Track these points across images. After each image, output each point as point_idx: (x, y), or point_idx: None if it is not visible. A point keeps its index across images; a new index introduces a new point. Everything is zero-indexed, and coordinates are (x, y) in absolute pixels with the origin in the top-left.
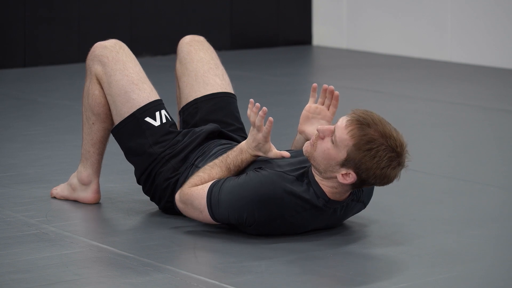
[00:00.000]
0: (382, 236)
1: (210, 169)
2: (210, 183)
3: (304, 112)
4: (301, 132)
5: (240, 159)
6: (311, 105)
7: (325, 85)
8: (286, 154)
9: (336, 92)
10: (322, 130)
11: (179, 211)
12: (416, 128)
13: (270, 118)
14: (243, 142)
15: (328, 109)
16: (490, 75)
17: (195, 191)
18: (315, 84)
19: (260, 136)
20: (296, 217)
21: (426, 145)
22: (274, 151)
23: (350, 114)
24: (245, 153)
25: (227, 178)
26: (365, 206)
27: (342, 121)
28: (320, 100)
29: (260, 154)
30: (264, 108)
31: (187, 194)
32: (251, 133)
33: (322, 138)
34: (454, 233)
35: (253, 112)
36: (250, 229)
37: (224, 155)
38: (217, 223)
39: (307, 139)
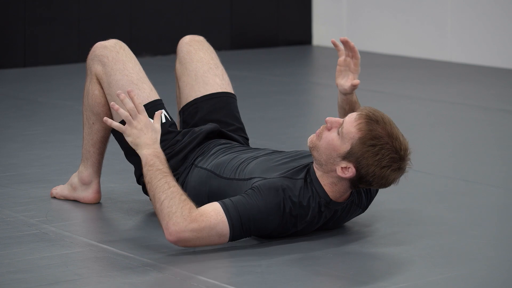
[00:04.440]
0: (382, 236)
1: (177, 191)
2: (217, 207)
3: (337, 67)
4: (337, 85)
5: (158, 160)
6: (340, 58)
7: (341, 38)
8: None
9: (351, 43)
10: (331, 121)
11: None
12: (416, 128)
13: (128, 89)
14: (142, 157)
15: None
16: (490, 75)
17: (212, 217)
18: (333, 40)
19: (138, 119)
20: (304, 225)
21: (426, 145)
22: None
23: (361, 109)
24: (148, 157)
25: (234, 199)
26: (364, 211)
27: (352, 115)
28: (346, 52)
29: (147, 137)
30: (129, 89)
31: (203, 221)
32: (128, 129)
33: (329, 129)
34: (454, 233)
35: (122, 103)
36: (264, 236)
37: (159, 181)
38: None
39: (343, 92)
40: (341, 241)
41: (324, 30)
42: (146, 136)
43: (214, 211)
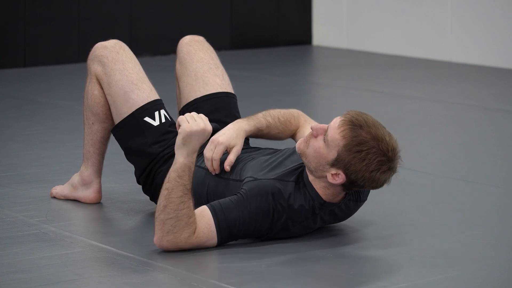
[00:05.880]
0: (382, 236)
1: (187, 214)
2: (209, 220)
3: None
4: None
5: (188, 173)
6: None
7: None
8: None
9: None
10: (316, 128)
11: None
12: (416, 128)
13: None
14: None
15: None
16: (490, 75)
17: (204, 237)
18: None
19: (198, 116)
20: (298, 227)
21: (426, 145)
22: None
23: (344, 114)
24: (181, 167)
25: (224, 205)
26: (363, 202)
27: (336, 121)
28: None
29: (195, 144)
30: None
31: (195, 243)
32: (185, 124)
33: (315, 137)
34: (454, 233)
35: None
36: (257, 237)
37: (180, 185)
38: None
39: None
40: (341, 241)
41: (324, 30)
42: (196, 142)
43: (206, 229)
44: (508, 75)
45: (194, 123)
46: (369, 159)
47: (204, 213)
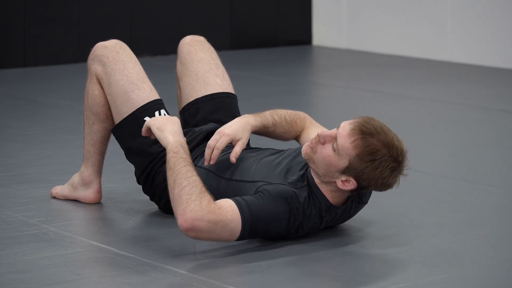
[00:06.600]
0: (382, 236)
1: (199, 181)
2: (232, 204)
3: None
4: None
5: (183, 150)
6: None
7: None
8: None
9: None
10: (323, 136)
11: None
12: (416, 128)
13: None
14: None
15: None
16: (490, 75)
17: (229, 213)
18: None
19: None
20: (305, 231)
21: (426, 145)
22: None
23: (353, 121)
24: (173, 145)
25: (247, 199)
26: (365, 204)
27: (345, 129)
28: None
29: (173, 127)
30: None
31: (220, 215)
32: (152, 120)
33: (323, 143)
34: (454, 233)
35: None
36: (266, 238)
37: (184, 167)
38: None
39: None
40: (340, 241)
41: (324, 30)
42: (172, 126)
43: (230, 207)
44: (508, 75)
45: (155, 117)
46: (382, 166)
47: (226, 199)
